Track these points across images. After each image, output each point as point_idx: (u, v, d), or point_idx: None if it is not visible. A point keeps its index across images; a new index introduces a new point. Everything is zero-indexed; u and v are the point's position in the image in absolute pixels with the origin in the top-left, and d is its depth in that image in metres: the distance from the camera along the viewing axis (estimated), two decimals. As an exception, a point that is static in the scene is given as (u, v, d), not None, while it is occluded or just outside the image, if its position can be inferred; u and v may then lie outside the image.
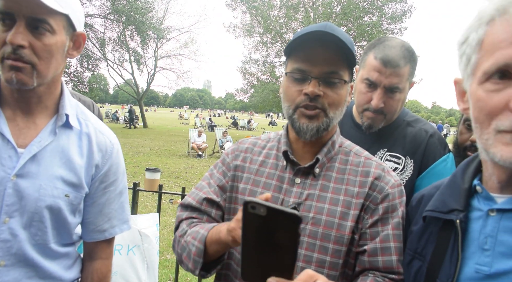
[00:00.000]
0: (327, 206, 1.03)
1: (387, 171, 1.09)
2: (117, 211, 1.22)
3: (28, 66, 0.99)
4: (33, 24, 0.97)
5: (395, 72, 1.35)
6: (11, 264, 1.02)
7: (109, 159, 1.18)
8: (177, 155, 13.37)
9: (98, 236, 1.20)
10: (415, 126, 1.48)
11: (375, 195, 1.05)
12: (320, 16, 20.79)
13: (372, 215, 1.04)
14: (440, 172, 1.39)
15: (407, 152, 1.43)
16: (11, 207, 1.01)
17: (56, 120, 1.10)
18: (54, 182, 1.06)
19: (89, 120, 1.19)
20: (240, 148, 1.21)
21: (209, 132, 22.61)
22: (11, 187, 1.00)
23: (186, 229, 1.09)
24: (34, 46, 0.98)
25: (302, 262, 1.01)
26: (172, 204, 6.55)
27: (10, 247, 1.01)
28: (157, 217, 2.53)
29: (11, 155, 1.01)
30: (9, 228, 1.01)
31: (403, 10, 20.99)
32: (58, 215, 1.08)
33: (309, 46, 0.99)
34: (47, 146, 1.06)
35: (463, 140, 1.44)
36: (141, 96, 30.80)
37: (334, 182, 1.07)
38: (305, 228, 1.02)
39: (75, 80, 20.51)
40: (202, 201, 1.13)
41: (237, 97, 27.54)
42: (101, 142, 1.18)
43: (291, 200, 1.05)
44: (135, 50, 27.74)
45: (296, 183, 1.07)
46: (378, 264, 1.00)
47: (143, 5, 21.22)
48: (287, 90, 1.06)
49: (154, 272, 2.36)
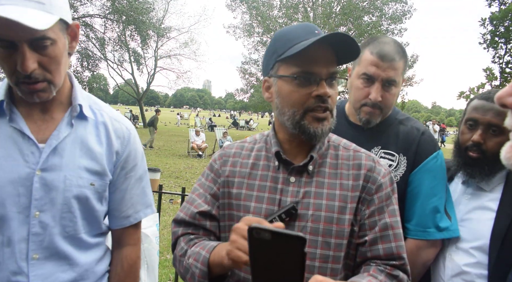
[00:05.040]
0: (324, 202, 1.04)
1: (377, 161, 1.11)
2: (140, 196, 1.25)
3: (45, 83, 1.01)
4: (35, 44, 0.97)
5: (391, 65, 1.39)
6: (44, 257, 1.05)
7: (127, 145, 1.21)
8: (177, 155, 13.37)
9: (123, 222, 1.23)
10: (406, 124, 1.52)
11: (369, 186, 1.07)
12: (320, 16, 20.79)
13: (368, 206, 1.06)
14: (431, 168, 1.44)
15: (401, 149, 1.47)
16: (40, 201, 1.03)
17: (71, 112, 1.12)
18: (78, 172, 1.09)
19: (103, 109, 1.21)
20: (228, 153, 1.19)
21: (209, 132, 22.61)
22: (37, 181, 1.03)
23: (186, 248, 1.09)
24: (43, 63, 0.99)
25: (306, 259, 1.00)
26: (172, 204, 6.56)
27: (42, 240, 1.04)
28: (157, 217, 2.53)
29: (33, 151, 1.04)
30: (40, 221, 1.04)
31: (403, 10, 21.01)
32: (86, 204, 1.11)
33: (312, 48, 0.98)
34: (66, 138, 1.09)
35: (465, 140, 1.44)
36: (141, 96, 30.82)
37: (328, 178, 1.08)
38: (306, 225, 1.03)
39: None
40: (195, 215, 1.12)
41: (237, 97, 27.55)
42: (118, 129, 1.20)
43: (288, 200, 1.05)
44: (135, 50, 27.77)
45: (291, 182, 1.07)
46: (379, 252, 1.03)
47: (143, 5, 21.20)
48: (291, 95, 1.02)
49: (154, 272, 2.36)
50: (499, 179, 1.39)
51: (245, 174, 1.12)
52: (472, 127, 1.42)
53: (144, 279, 2.32)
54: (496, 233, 1.29)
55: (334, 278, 1.01)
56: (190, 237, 1.11)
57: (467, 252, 1.36)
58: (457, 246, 1.40)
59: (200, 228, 1.12)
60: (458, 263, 1.37)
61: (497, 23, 7.72)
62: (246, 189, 1.11)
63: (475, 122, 1.41)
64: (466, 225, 1.40)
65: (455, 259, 1.39)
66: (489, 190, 1.40)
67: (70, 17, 1.09)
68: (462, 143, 1.45)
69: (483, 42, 8.15)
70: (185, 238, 1.12)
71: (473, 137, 1.40)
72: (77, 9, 20.14)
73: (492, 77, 7.77)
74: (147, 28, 22.47)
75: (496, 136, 1.36)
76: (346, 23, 21.09)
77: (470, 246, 1.36)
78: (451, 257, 1.40)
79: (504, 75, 8.02)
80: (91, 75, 23.75)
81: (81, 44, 23.22)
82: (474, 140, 1.39)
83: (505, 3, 7.81)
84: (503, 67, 8.14)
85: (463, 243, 1.38)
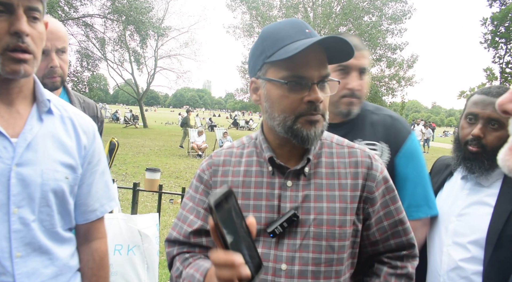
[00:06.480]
0: (325, 204, 1.02)
1: (372, 157, 1.10)
2: (104, 190, 1.26)
3: (31, 56, 1.01)
4: (28, 13, 0.98)
5: (361, 54, 1.46)
6: (27, 254, 1.03)
7: (93, 140, 1.22)
8: (177, 155, 13.36)
9: (90, 216, 1.22)
10: (378, 113, 1.58)
11: (369, 184, 1.06)
12: (320, 16, 20.80)
13: (372, 204, 1.06)
14: (410, 150, 1.51)
15: (380, 138, 1.51)
16: (18, 196, 1.01)
17: (38, 107, 1.11)
18: (54, 166, 1.08)
19: (64, 105, 1.21)
20: (216, 162, 1.12)
21: (209, 132, 22.62)
22: (14, 176, 1.01)
23: (181, 269, 1.05)
24: (32, 35, 1.00)
25: (311, 265, 1.00)
26: (172, 204, 6.55)
27: (23, 237, 1.02)
28: (157, 217, 2.53)
29: (6, 146, 1.01)
30: (19, 217, 1.01)
31: (403, 10, 21.01)
32: (62, 198, 1.11)
33: (303, 51, 0.91)
34: (37, 132, 1.08)
35: (465, 134, 1.45)
36: (141, 96, 30.80)
37: (326, 178, 1.05)
38: (308, 231, 1.00)
39: (75, 80, 20.48)
40: (189, 235, 1.07)
41: (237, 97, 27.53)
42: (83, 124, 1.21)
43: (288, 205, 1.02)
44: (135, 50, 27.76)
45: (288, 186, 1.03)
46: (392, 246, 1.09)
47: (142, 5, 21.20)
48: (281, 100, 0.97)
49: (154, 272, 2.36)
50: (498, 175, 1.39)
51: (238, 183, 1.06)
52: (472, 122, 1.43)
53: (144, 279, 2.32)
54: (493, 228, 1.29)
55: (338, 280, 1.02)
56: (185, 256, 1.07)
57: (463, 247, 1.36)
58: (454, 241, 1.40)
59: (195, 246, 1.08)
60: (454, 258, 1.37)
61: (497, 23, 7.73)
62: (242, 199, 1.05)
63: (475, 117, 1.42)
64: (464, 220, 1.40)
65: (451, 254, 1.39)
66: (487, 185, 1.40)
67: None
68: (462, 137, 1.46)
69: (484, 41, 8.15)
70: (180, 258, 1.08)
71: (473, 131, 1.40)
72: (77, 9, 20.15)
73: (492, 77, 7.78)
74: (147, 28, 22.47)
75: (496, 130, 1.37)
76: (346, 23, 21.09)
77: (467, 240, 1.36)
78: (448, 252, 1.41)
79: (504, 75, 8.03)
80: (91, 75, 23.74)
81: (81, 44, 23.26)
82: (474, 134, 1.39)
83: (506, 4, 7.82)
84: (503, 67, 8.15)
85: (460, 238, 1.39)
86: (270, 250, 1.01)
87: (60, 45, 1.65)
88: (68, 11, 20.01)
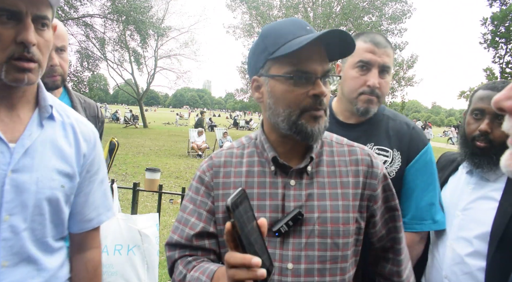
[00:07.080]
0: (328, 202, 1.03)
1: (372, 155, 1.11)
2: (101, 199, 1.23)
3: (36, 64, 0.99)
4: (36, 21, 0.96)
5: (386, 52, 1.44)
6: (14, 264, 0.99)
7: (94, 148, 1.19)
8: (177, 155, 13.36)
9: (86, 225, 1.19)
10: (395, 120, 1.54)
11: (371, 181, 1.07)
12: (320, 16, 20.79)
13: (375, 201, 1.08)
14: (424, 162, 1.47)
15: (394, 145, 1.48)
16: (11, 203, 0.98)
17: (39, 113, 1.08)
18: (50, 174, 1.05)
19: (67, 111, 1.18)
20: (217, 163, 1.11)
21: (209, 132, 22.61)
22: (8, 183, 0.98)
23: (185, 272, 1.02)
24: (38, 43, 0.98)
25: (317, 263, 1.00)
26: (172, 204, 6.55)
27: (12, 246, 0.99)
28: (157, 217, 2.53)
29: (3, 151, 0.98)
30: (10, 225, 0.98)
31: (403, 10, 21.00)
32: (56, 207, 1.08)
33: (306, 45, 0.92)
34: (36, 139, 1.05)
35: (471, 130, 1.44)
36: (141, 96, 30.79)
37: (328, 177, 1.06)
38: (313, 229, 1.01)
39: (75, 80, 20.48)
40: (191, 238, 1.05)
41: (237, 97, 27.53)
42: (85, 131, 1.18)
43: (292, 204, 1.02)
44: (135, 50, 27.76)
45: (291, 185, 1.03)
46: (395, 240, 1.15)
47: (142, 4, 21.20)
48: (286, 95, 0.98)
49: (154, 272, 2.36)
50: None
51: (240, 184, 1.06)
52: (478, 117, 1.42)
53: (144, 279, 2.32)
54: (498, 223, 1.29)
55: (343, 277, 1.03)
56: (188, 260, 1.05)
57: (468, 241, 1.36)
58: (459, 235, 1.40)
59: (198, 249, 1.06)
60: (459, 252, 1.37)
61: (498, 23, 7.73)
62: None
63: (481, 112, 1.41)
64: (469, 215, 1.40)
65: (456, 248, 1.39)
66: (493, 180, 1.40)
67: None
68: (469, 133, 1.45)
69: (484, 41, 8.15)
70: (182, 261, 1.06)
71: (480, 126, 1.40)
72: (77, 9, 20.15)
73: (493, 77, 7.78)
74: (147, 28, 22.47)
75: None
76: (346, 23, 21.07)
77: (472, 235, 1.36)
78: (452, 246, 1.41)
79: (504, 75, 8.03)
80: (91, 75, 23.76)
81: (81, 44, 23.26)
82: (482, 130, 1.39)
83: (506, 3, 7.82)
84: (503, 67, 8.14)
85: (465, 232, 1.39)
86: (275, 250, 1.01)
87: (60, 43, 1.65)
88: (68, 11, 20.01)
